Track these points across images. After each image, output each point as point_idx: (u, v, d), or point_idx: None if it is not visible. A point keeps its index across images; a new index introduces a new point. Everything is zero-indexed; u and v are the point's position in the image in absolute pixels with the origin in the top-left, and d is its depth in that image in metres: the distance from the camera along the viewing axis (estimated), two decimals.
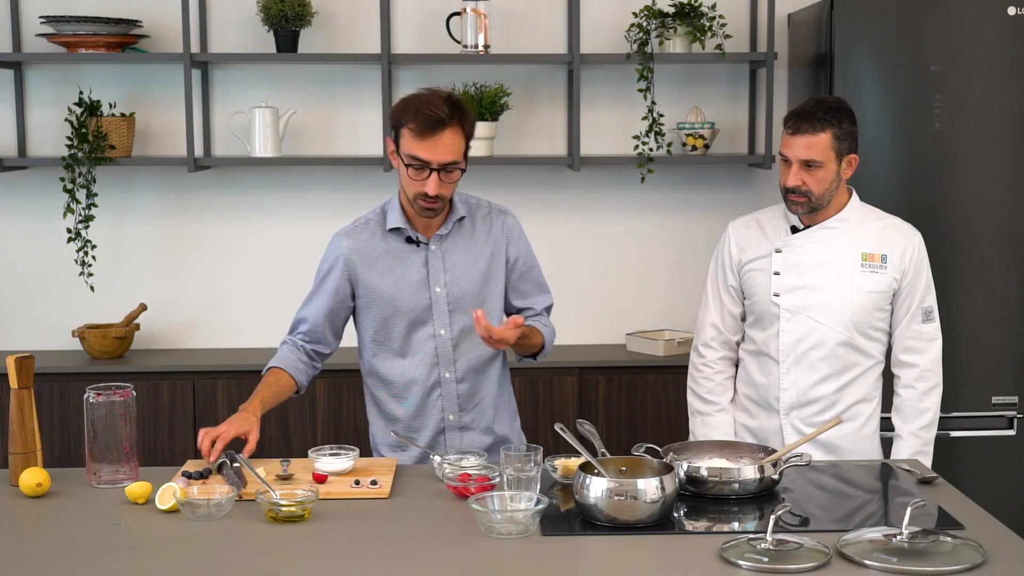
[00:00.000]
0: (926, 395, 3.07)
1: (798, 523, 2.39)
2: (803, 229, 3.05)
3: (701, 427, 3.17)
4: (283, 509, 2.39)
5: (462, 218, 2.93)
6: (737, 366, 3.21)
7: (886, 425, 3.14)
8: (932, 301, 3.08)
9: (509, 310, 3.04)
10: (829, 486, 2.70)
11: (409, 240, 2.91)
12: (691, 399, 3.22)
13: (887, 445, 3.14)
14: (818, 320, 3.01)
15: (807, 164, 2.93)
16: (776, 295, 3.03)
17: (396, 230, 2.91)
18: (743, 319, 3.17)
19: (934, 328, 3.08)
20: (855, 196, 3.07)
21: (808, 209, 2.98)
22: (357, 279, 2.92)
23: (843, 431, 3.02)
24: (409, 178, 2.79)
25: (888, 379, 3.14)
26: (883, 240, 3.02)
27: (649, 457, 2.55)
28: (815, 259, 3.02)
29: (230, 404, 4.12)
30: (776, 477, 2.57)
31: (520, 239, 3.02)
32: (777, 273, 3.03)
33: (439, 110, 2.75)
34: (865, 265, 3.00)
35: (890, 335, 3.09)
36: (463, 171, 2.82)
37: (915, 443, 3.05)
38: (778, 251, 3.05)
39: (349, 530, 2.36)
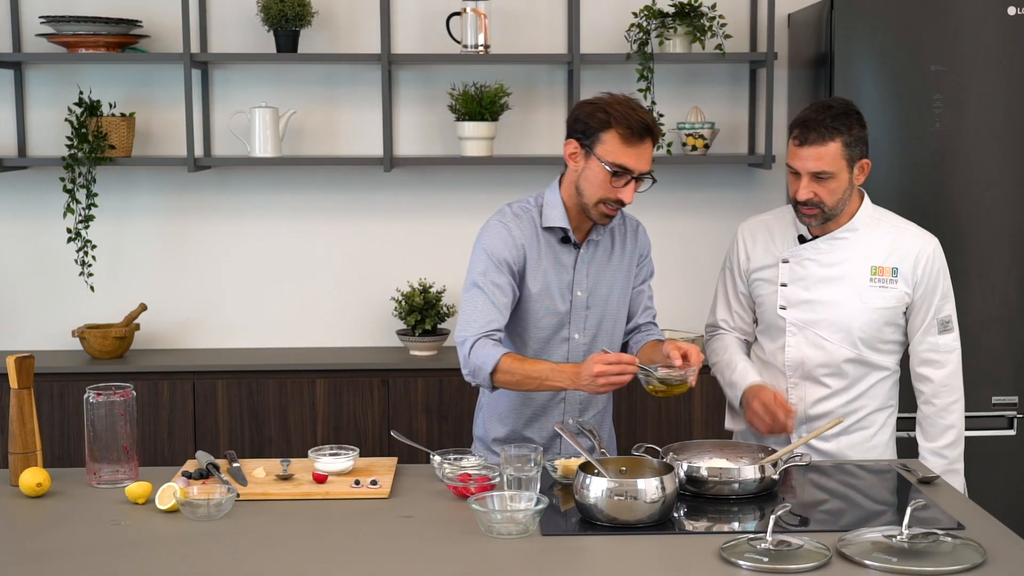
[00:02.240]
0: (946, 411, 2.89)
1: (798, 523, 2.39)
2: (812, 239, 2.90)
3: (727, 372, 2.99)
4: (662, 383, 2.62)
5: (611, 226, 2.88)
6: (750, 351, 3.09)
7: (908, 425, 3.06)
8: (950, 311, 2.89)
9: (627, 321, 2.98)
10: (829, 486, 2.70)
11: (564, 241, 2.84)
12: (713, 368, 3.07)
13: (905, 447, 3.06)
14: (824, 337, 2.88)
15: (817, 176, 2.75)
16: (782, 308, 2.91)
17: (551, 229, 2.83)
18: (756, 322, 3.06)
19: (952, 339, 2.89)
20: (867, 200, 2.90)
21: (822, 221, 2.82)
22: (524, 272, 2.83)
23: (853, 440, 2.92)
24: (609, 184, 2.70)
25: (910, 388, 2.98)
26: (895, 251, 2.86)
27: (649, 457, 2.55)
28: (822, 272, 2.88)
29: (230, 404, 4.13)
30: (776, 477, 2.56)
31: (649, 253, 3.00)
32: (784, 285, 2.91)
33: (647, 116, 2.68)
34: (875, 280, 2.85)
35: (907, 345, 2.94)
36: (655, 181, 2.76)
37: (939, 463, 2.87)
38: (785, 261, 2.91)
39: (349, 530, 2.36)
